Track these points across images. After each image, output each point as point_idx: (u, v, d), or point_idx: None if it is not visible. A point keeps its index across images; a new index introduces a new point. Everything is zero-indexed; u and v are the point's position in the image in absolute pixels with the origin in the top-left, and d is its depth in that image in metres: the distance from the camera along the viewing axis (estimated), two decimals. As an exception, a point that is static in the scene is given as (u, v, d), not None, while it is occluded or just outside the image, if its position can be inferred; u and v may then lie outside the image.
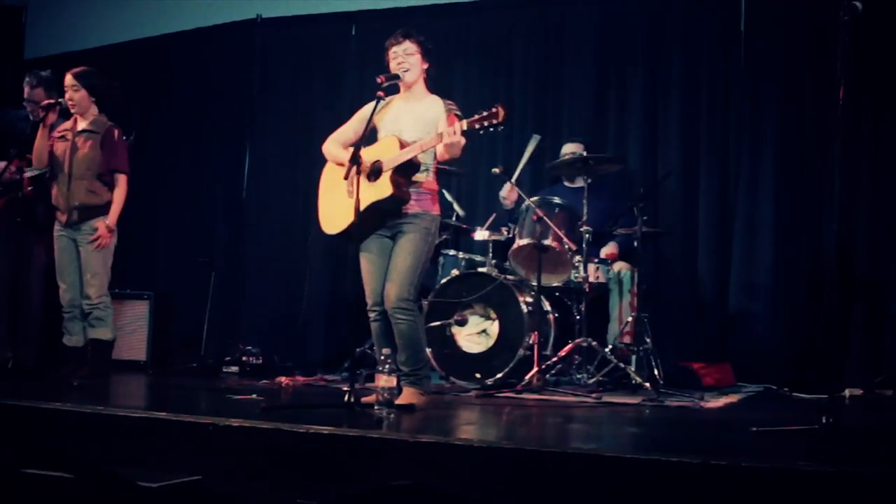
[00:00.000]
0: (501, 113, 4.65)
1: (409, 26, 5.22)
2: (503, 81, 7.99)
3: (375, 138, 5.14)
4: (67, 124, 6.19)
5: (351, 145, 5.07)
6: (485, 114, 4.69)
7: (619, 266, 6.70)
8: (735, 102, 7.29)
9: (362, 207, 4.81)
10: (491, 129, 4.70)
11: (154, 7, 9.16)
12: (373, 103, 5.01)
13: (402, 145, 4.91)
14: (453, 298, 6.40)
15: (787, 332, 6.94)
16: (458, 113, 4.93)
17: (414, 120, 5.05)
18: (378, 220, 5.01)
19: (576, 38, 7.87)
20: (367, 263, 5.09)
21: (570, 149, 7.07)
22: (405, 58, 5.08)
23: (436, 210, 5.11)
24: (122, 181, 6.16)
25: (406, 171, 4.94)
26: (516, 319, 6.23)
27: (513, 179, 6.82)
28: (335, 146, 5.25)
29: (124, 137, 6.30)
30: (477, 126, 4.70)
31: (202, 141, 9.11)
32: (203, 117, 9.12)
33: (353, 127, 5.24)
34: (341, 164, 5.06)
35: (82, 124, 6.15)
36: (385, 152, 4.95)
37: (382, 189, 4.89)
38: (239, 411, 4.56)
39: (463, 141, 4.79)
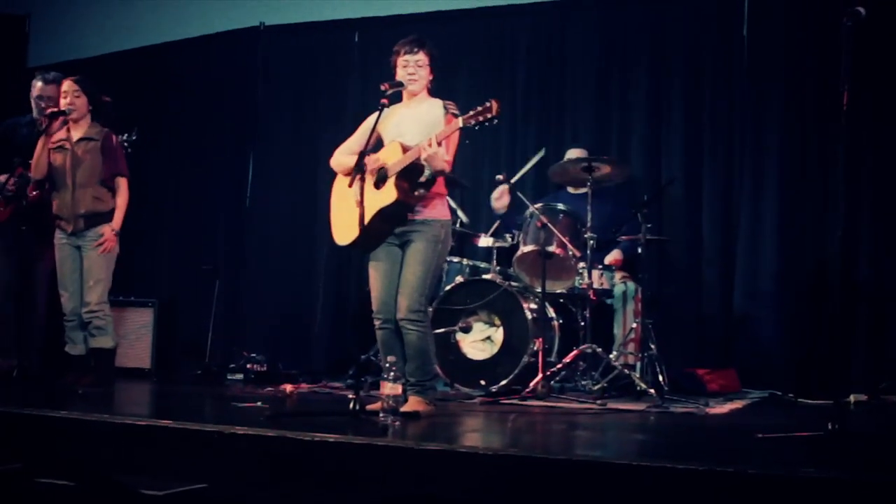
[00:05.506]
0: (495, 106, 4.67)
1: (413, 34, 5.22)
2: (506, 88, 7.98)
3: (382, 147, 5.14)
4: (61, 134, 6.15)
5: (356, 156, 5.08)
6: (479, 109, 4.71)
7: (623, 281, 6.69)
8: (738, 108, 7.29)
9: (370, 214, 4.83)
10: (486, 124, 4.72)
11: (157, 15, 9.18)
12: (376, 114, 5.02)
13: (405, 150, 4.91)
14: (458, 305, 6.40)
15: (792, 337, 6.93)
16: (456, 112, 4.92)
17: (415, 124, 5.05)
18: (387, 227, 5.00)
19: (578, 45, 7.88)
20: (375, 272, 5.09)
21: (574, 154, 7.07)
22: (416, 69, 5.08)
23: (444, 215, 5.10)
24: (123, 185, 6.17)
25: (410, 176, 4.93)
26: (521, 326, 6.22)
27: (511, 181, 6.82)
28: (342, 157, 5.24)
29: (125, 135, 6.30)
30: (472, 122, 4.72)
31: (206, 148, 9.12)
32: (207, 125, 9.13)
33: (357, 138, 5.23)
34: (349, 175, 5.06)
35: (78, 133, 6.13)
36: (389, 158, 4.96)
37: (388, 195, 4.89)
38: (244, 419, 4.57)
39: (440, 152, 4.79)
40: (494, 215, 7.18)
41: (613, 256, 6.83)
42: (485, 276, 6.55)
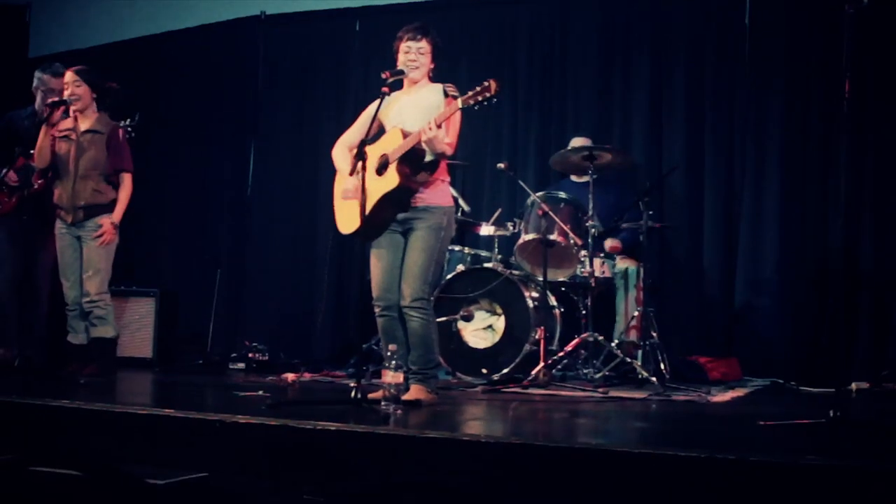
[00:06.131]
0: (493, 86, 4.64)
1: (414, 21, 5.19)
2: (507, 76, 7.96)
3: (383, 135, 5.13)
4: (68, 123, 6.15)
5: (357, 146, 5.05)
6: (478, 89, 4.68)
7: (625, 263, 6.70)
8: (740, 97, 7.28)
9: (373, 201, 4.83)
10: (485, 103, 4.69)
11: (158, 4, 9.17)
12: (377, 102, 5.00)
13: (405, 136, 4.90)
14: (459, 294, 6.40)
15: (794, 325, 6.93)
16: (455, 94, 4.88)
17: (416, 109, 5.02)
18: (390, 213, 4.99)
19: (580, 33, 7.87)
20: (376, 259, 5.07)
21: (578, 142, 7.06)
22: (418, 56, 5.05)
23: (446, 201, 5.08)
24: (127, 180, 6.16)
25: (411, 161, 4.91)
26: (522, 314, 6.22)
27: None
28: (342, 151, 5.20)
29: (127, 120, 6.29)
30: (472, 102, 4.69)
31: (207, 138, 9.12)
32: (208, 114, 9.14)
33: (359, 128, 5.21)
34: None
35: (85, 124, 6.12)
36: (390, 145, 4.94)
37: (390, 181, 4.88)
38: (245, 408, 4.57)
39: (440, 134, 4.78)
40: (507, 204, 7.18)
41: (611, 243, 6.80)
42: (486, 265, 6.55)
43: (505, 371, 6.17)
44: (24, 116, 6.82)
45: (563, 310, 6.51)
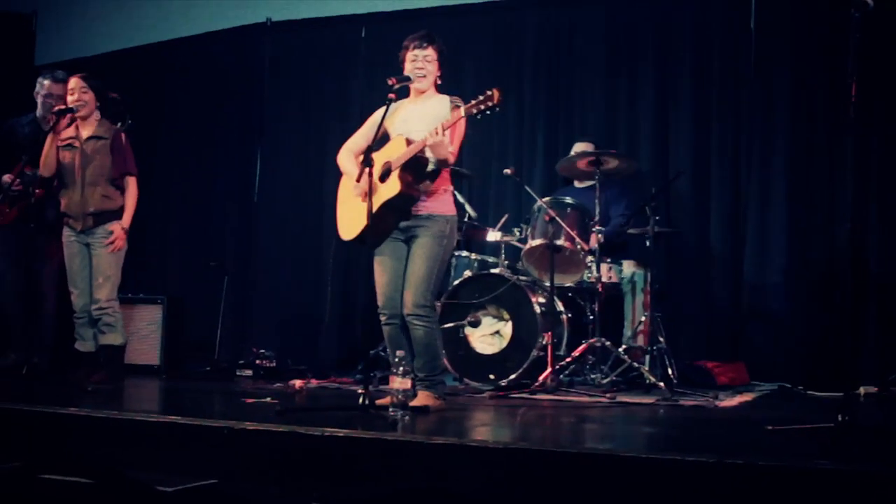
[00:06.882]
0: (496, 95, 4.67)
1: (420, 28, 5.21)
2: (514, 82, 7.99)
3: (388, 142, 5.13)
4: (70, 131, 6.14)
5: (363, 152, 5.06)
6: (481, 98, 4.71)
7: (631, 268, 6.70)
8: (746, 101, 7.28)
9: (374, 207, 4.82)
10: (488, 112, 4.72)
11: (164, 11, 9.19)
12: (383, 108, 5.00)
13: (409, 144, 4.91)
14: (466, 300, 6.40)
15: (801, 330, 6.92)
16: (459, 104, 4.91)
17: (422, 119, 5.02)
18: (391, 220, 5.00)
19: (586, 38, 7.88)
20: (380, 267, 5.08)
21: (580, 148, 7.06)
22: (425, 63, 5.06)
23: (449, 210, 5.08)
24: (132, 183, 6.17)
25: (413, 169, 4.92)
26: (529, 320, 6.22)
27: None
28: (348, 156, 5.23)
29: (118, 124, 6.30)
30: (475, 111, 4.72)
31: (213, 144, 9.13)
32: (214, 121, 9.15)
33: (364, 134, 5.22)
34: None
35: (87, 130, 6.13)
36: (394, 152, 4.95)
37: (391, 188, 4.89)
38: (253, 414, 4.57)
39: (446, 141, 4.78)
40: (514, 210, 7.19)
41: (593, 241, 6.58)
42: (493, 271, 6.55)
43: (512, 377, 6.17)
44: (25, 123, 6.84)
45: (570, 315, 6.50)
